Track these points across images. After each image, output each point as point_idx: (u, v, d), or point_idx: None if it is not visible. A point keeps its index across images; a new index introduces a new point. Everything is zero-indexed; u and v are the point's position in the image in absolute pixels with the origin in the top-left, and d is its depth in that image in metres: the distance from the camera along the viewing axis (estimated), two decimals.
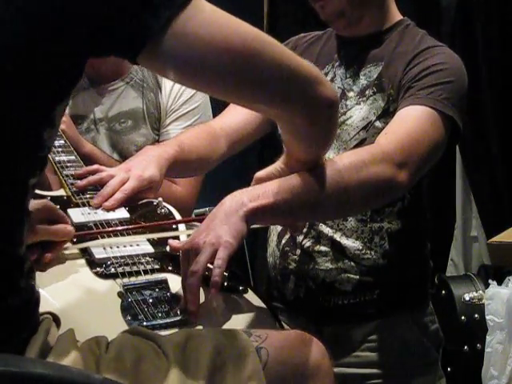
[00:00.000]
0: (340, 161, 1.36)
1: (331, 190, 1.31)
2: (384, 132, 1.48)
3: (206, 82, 1.04)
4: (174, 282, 1.27)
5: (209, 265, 1.19)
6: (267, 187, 1.27)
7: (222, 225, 1.21)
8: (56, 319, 1.04)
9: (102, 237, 1.37)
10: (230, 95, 1.11)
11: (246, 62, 1.01)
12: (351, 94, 1.65)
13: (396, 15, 1.70)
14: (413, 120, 1.48)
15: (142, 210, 1.49)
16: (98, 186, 1.52)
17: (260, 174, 1.37)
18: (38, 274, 1.09)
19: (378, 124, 1.59)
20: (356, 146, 1.60)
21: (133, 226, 1.40)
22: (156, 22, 0.92)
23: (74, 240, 1.35)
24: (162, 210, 1.51)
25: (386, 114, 1.59)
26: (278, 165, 1.35)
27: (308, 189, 1.30)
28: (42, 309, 1.03)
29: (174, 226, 1.48)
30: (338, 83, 1.67)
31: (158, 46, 0.94)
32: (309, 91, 1.10)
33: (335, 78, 1.68)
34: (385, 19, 1.68)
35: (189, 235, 1.40)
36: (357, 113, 1.62)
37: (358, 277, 1.62)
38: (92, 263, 1.30)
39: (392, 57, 1.62)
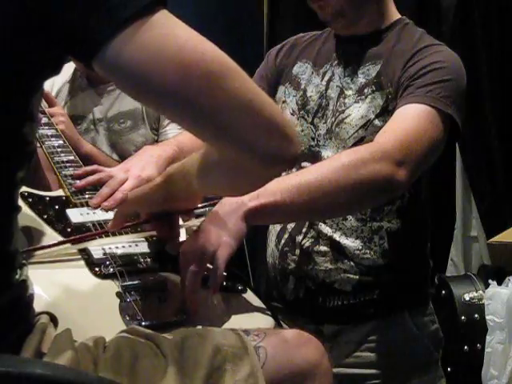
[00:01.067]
0: (339, 159, 1.37)
1: (330, 188, 1.32)
2: (383, 130, 1.48)
3: (151, 98, 0.92)
4: (173, 282, 1.27)
5: (208, 265, 1.19)
6: (267, 186, 1.27)
7: (221, 224, 1.21)
8: (53, 319, 1.04)
9: (101, 237, 1.37)
10: (176, 119, 1.01)
11: (198, 86, 0.89)
12: (350, 92, 1.65)
13: (394, 14, 1.70)
14: (412, 118, 1.48)
15: None
16: (97, 186, 1.52)
17: (131, 193, 1.36)
18: (36, 273, 1.09)
19: (376, 122, 1.59)
20: (355, 145, 1.60)
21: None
22: (108, 26, 0.86)
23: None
24: None
25: (385, 113, 1.59)
26: (154, 190, 1.31)
27: (308, 188, 1.30)
28: (39, 308, 1.03)
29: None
30: (336, 82, 1.67)
31: (108, 53, 0.87)
32: (267, 138, 0.94)
33: (333, 76, 1.68)
34: (383, 18, 1.68)
35: (188, 235, 1.40)
36: (355, 111, 1.62)
37: (357, 277, 1.62)
38: (91, 263, 1.30)
39: (390, 55, 1.63)
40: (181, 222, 1.46)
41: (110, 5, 0.86)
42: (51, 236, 1.37)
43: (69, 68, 2.24)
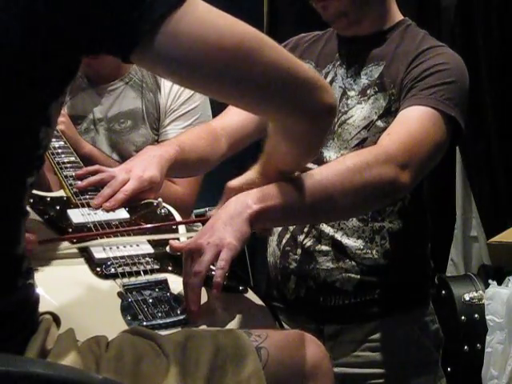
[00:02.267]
0: (343, 162, 1.37)
1: (335, 191, 1.32)
2: (386, 133, 1.48)
3: (199, 82, 1.01)
4: (174, 282, 1.27)
5: (211, 266, 1.19)
6: (272, 189, 1.27)
7: (225, 226, 1.21)
8: (56, 319, 1.04)
9: (102, 237, 1.37)
10: (226, 97, 1.08)
11: (242, 63, 0.98)
12: (352, 93, 1.65)
13: (397, 15, 1.70)
14: (415, 120, 1.48)
15: (142, 210, 1.49)
16: (99, 186, 1.52)
17: (232, 183, 1.36)
18: (38, 273, 1.10)
19: (379, 123, 1.59)
20: (357, 146, 1.60)
21: (132, 228, 1.40)
22: (148, 20, 0.91)
23: (74, 240, 1.35)
24: (162, 211, 1.51)
25: (388, 114, 1.59)
26: (253, 174, 1.34)
27: (312, 191, 1.30)
28: (42, 309, 1.03)
29: (173, 227, 1.48)
30: (339, 82, 1.67)
31: (150, 45, 0.92)
32: (308, 96, 1.07)
33: (336, 77, 1.68)
34: (386, 19, 1.68)
35: (190, 237, 1.40)
36: (358, 112, 1.62)
37: (358, 276, 1.62)
38: (92, 263, 1.30)
39: (393, 56, 1.62)
40: (184, 230, 1.46)
41: (146, 1, 0.91)
42: (52, 236, 1.37)
43: None
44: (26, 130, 0.92)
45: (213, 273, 1.18)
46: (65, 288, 1.23)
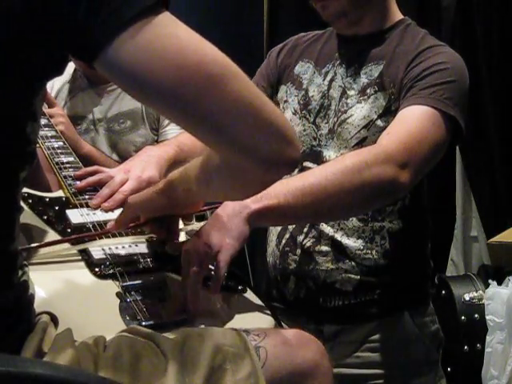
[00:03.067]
0: (343, 162, 1.36)
1: (334, 191, 1.32)
2: (386, 132, 1.48)
3: (152, 99, 0.93)
4: (173, 282, 1.27)
5: (210, 265, 1.19)
6: (270, 189, 1.27)
7: (224, 226, 1.21)
8: (54, 319, 1.04)
9: (101, 237, 1.37)
10: (177, 120, 0.98)
11: (198, 86, 0.89)
12: (352, 92, 1.65)
13: (397, 15, 1.70)
14: (415, 120, 1.48)
15: None
16: (97, 186, 1.52)
17: (133, 198, 1.35)
18: (36, 274, 1.10)
19: (379, 123, 1.59)
20: (357, 145, 1.60)
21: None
22: (108, 27, 0.87)
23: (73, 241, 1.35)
24: None
25: (388, 113, 1.59)
26: (155, 193, 1.30)
27: (311, 190, 1.30)
28: (39, 308, 1.03)
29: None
30: (338, 82, 1.67)
31: (109, 52, 0.88)
32: (268, 142, 0.94)
33: (336, 76, 1.68)
34: (385, 19, 1.68)
35: (188, 235, 1.40)
36: (358, 111, 1.62)
37: (358, 277, 1.62)
38: (91, 263, 1.30)
39: (393, 56, 1.62)
40: (181, 225, 1.46)
41: (113, 6, 0.87)
42: (51, 237, 1.37)
43: (69, 68, 2.24)
44: (13, 127, 0.92)
45: (212, 273, 1.18)
46: (63, 288, 1.23)
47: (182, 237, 1.42)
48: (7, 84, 0.89)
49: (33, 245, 1.31)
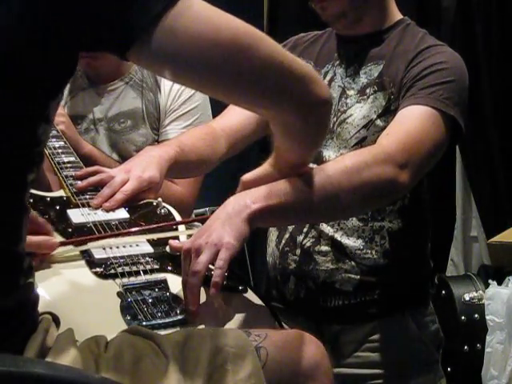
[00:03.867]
0: (342, 162, 1.36)
1: (334, 191, 1.32)
2: (385, 132, 1.48)
3: (196, 79, 1.02)
4: (174, 282, 1.27)
5: (210, 265, 1.19)
6: (270, 189, 1.27)
7: (224, 226, 1.21)
8: (55, 319, 1.04)
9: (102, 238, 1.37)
10: (222, 93, 1.08)
11: (237, 58, 0.99)
12: (351, 92, 1.65)
13: (396, 15, 1.70)
14: (414, 120, 1.48)
15: (142, 210, 1.49)
16: (98, 186, 1.52)
17: (247, 176, 1.36)
18: (38, 274, 1.09)
19: (378, 122, 1.60)
20: (356, 145, 1.61)
21: (134, 229, 1.40)
22: (144, 18, 0.92)
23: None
24: (162, 211, 1.51)
25: (387, 113, 1.59)
26: (266, 167, 1.35)
27: (311, 190, 1.30)
28: (41, 309, 1.03)
29: (173, 227, 1.48)
30: (338, 82, 1.67)
31: (146, 43, 0.93)
32: (302, 90, 1.08)
33: (335, 76, 1.68)
34: (385, 19, 1.68)
35: (189, 235, 1.40)
36: (357, 111, 1.62)
37: (358, 277, 1.62)
38: (91, 263, 1.30)
39: (393, 56, 1.62)
40: (183, 228, 1.46)
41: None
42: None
43: None
44: (25, 128, 0.93)
45: (212, 272, 1.18)
46: (64, 288, 1.23)
47: (183, 238, 1.42)
48: (24, 85, 0.90)
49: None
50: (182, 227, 1.48)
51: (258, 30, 1.02)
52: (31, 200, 1.46)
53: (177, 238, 1.42)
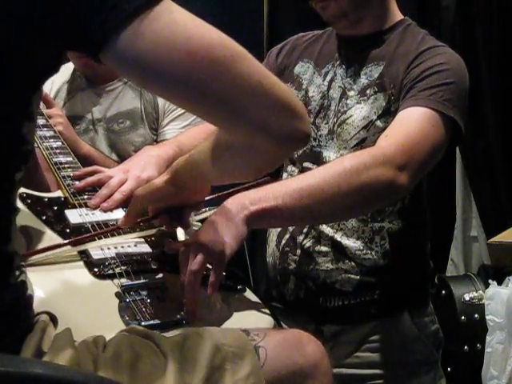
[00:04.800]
0: (341, 163, 1.36)
1: (332, 193, 1.31)
2: (385, 134, 1.48)
3: (163, 87, 0.96)
4: (172, 282, 1.27)
5: (208, 265, 1.19)
6: (268, 190, 1.27)
7: (222, 226, 1.21)
8: (53, 319, 1.04)
9: (100, 237, 1.37)
10: (189, 106, 1.02)
11: (208, 71, 0.91)
12: (352, 93, 1.64)
13: (397, 15, 1.70)
14: (414, 122, 1.48)
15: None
16: (96, 186, 1.52)
17: (140, 191, 1.36)
18: (35, 274, 1.09)
19: (378, 123, 1.59)
20: (356, 145, 1.60)
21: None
22: (115, 19, 0.89)
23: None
24: None
25: (387, 114, 1.59)
26: (163, 185, 1.32)
27: (309, 192, 1.30)
28: (39, 308, 1.03)
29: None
30: (338, 82, 1.67)
31: (117, 45, 0.89)
32: (279, 118, 0.98)
33: (335, 77, 1.68)
34: (386, 19, 1.68)
35: (187, 236, 1.40)
36: (357, 112, 1.62)
37: (358, 277, 1.62)
38: (90, 264, 1.30)
39: (393, 56, 1.62)
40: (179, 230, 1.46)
41: None
42: (50, 237, 1.37)
43: (68, 69, 2.24)
44: (9, 126, 0.92)
45: (210, 272, 1.18)
46: (62, 288, 1.23)
47: (182, 237, 1.42)
48: (5, 83, 0.89)
49: (34, 250, 1.30)
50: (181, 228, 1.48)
51: (240, 47, 0.96)
52: (29, 200, 1.46)
53: (175, 237, 1.42)
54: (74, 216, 1.43)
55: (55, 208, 1.47)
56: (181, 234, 1.45)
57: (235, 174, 1.18)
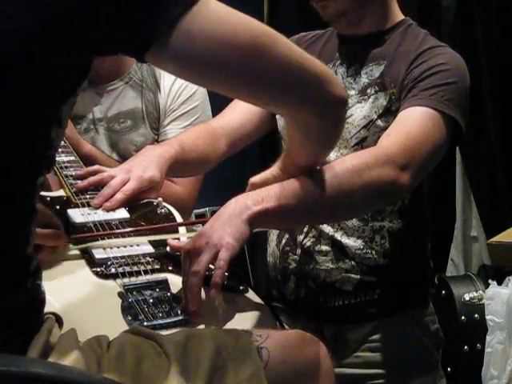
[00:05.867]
0: (343, 164, 1.36)
1: (334, 193, 1.31)
2: (386, 133, 1.48)
3: (214, 79, 1.02)
4: (175, 282, 1.27)
5: (210, 265, 1.19)
6: (271, 191, 1.27)
7: (224, 227, 1.21)
8: (58, 319, 1.04)
9: (102, 238, 1.37)
10: (242, 93, 1.10)
11: (256, 59, 0.99)
12: (352, 92, 1.64)
13: (398, 15, 1.70)
14: (415, 121, 1.48)
15: (142, 210, 1.49)
16: (99, 186, 1.52)
17: (255, 179, 1.37)
18: None
19: (379, 123, 1.59)
20: (357, 145, 1.60)
21: (134, 229, 1.40)
22: (163, 20, 0.92)
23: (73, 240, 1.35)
24: (162, 210, 1.51)
25: (388, 113, 1.59)
26: (274, 170, 1.35)
27: (311, 192, 1.30)
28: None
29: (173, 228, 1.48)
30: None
31: (165, 45, 0.93)
32: (320, 89, 1.09)
33: (336, 76, 1.68)
34: (387, 19, 1.68)
35: (190, 237, 1.40)
36: (358, 111, 1.62)
37: (358, 276, 1.62)
38: (92, 263, 1.30)
39: (394, 56, 1.62)
40: (183, 230, 1.46)
41: (162, 1, 0.92)
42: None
43: None
44: (38, 131, 0.93)
45: (212, 272, 1.18)
46: (65, 288, 1.23)
47: (184, 239, 1.42)
48: (38, 87, 0.90)
49: None
50: (182, 228, 1.48)
51: (274, 30, 1.03)
52: None
53: (177, 238, 1.42)
54: (77, 215, 1.43)
55: (57, 207, 1.47)
56: (183, 234, 1.45)
57: (308, 151, 1.28)
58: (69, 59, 0.91)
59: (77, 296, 1.22)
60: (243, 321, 1.23)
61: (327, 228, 1.63)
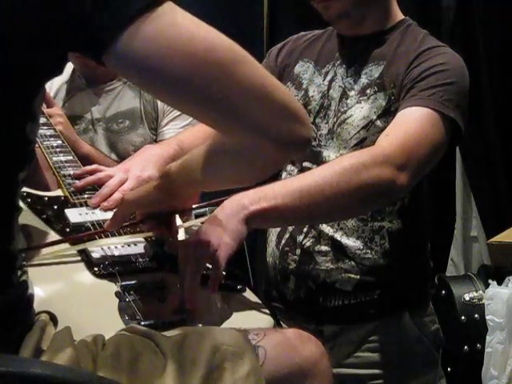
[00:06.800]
0: (341, 163, 1.36)
1: (332, 192, 1.31)
2: (385, 133, 1.48)
3: (164, 89, 0.94)
4: (172, 282, 1.27)
5: (207, 264, 1.19)
6: (268, 190, 1.27)
7: (222, 226, 1.21)
8: (53, 318, 1.04)
9: (100, 237, 1.36)
10: (189, 109, 1.00)
11: (210, 73, 0.91)
12: (352, 92, 1.64)
13: (398, 15, 1.70)
14: (414, 121, 1.48)
15: None
16: (97, 186, 1.52)
17: (129, 195, 1.36)
18: (35, 273, 1.09)
19: (378, 123, 1.59)
20: (356, 145, 1.60)
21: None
22: (117, 21, 0.88)
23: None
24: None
25: (387, 113, 1.59)
26: (152, 190, 1.31)
27: (308, 192, 1.30)
28: (38, 308, 1.03)
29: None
30: (338, 82, 1.67)
31: (118, 47, 0.88)
32: (282, 123, 0.96)
33: (336, 76, 1.68)
34: (387, 19, 1.68)
35: (187, 234, 1.40)
36: (357, 111, 1.62)
37: (358, 277, 1.62)
38: (89, 263, 1.30)
39: (394, 56, 1.62)
40: (180, 222, 1.46)
41: (118, 1, 0.88)
42: (50, 236, 1.37)
43: (67, 68, 2.24)
44: (12, 127, 0.92)
45: (209, 271, 1.18)
46: (62, 287, 1.23)
47: (181, 234, 1.42)
48: (7, 84, 0.89)
49: (34, 246, 1.30)
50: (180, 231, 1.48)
51: (243, 50, 0.94)
52: (29, 199, 1.46)
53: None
54: (74, 215, 1.43)
55: (55, 207, 1.47)
56: (181, 233, 1.45)
57: (233, 179, 1.15)
58: (36, 57, 0.90)
59: (73, 295, 1.22)
60: (241, 320, 1.23)
61: (327, 228, 1.63)
